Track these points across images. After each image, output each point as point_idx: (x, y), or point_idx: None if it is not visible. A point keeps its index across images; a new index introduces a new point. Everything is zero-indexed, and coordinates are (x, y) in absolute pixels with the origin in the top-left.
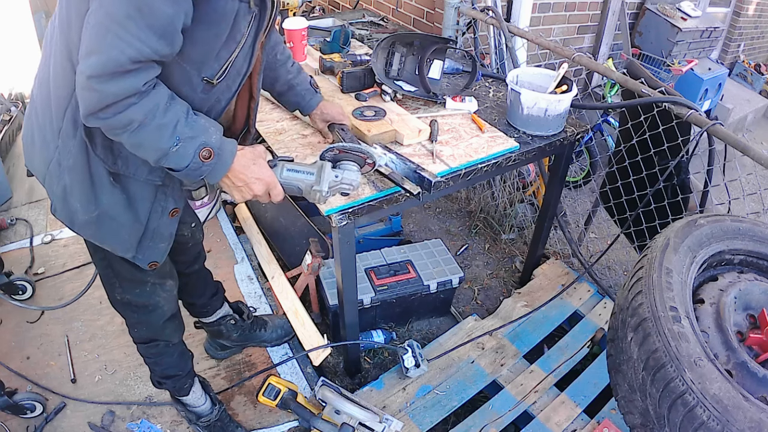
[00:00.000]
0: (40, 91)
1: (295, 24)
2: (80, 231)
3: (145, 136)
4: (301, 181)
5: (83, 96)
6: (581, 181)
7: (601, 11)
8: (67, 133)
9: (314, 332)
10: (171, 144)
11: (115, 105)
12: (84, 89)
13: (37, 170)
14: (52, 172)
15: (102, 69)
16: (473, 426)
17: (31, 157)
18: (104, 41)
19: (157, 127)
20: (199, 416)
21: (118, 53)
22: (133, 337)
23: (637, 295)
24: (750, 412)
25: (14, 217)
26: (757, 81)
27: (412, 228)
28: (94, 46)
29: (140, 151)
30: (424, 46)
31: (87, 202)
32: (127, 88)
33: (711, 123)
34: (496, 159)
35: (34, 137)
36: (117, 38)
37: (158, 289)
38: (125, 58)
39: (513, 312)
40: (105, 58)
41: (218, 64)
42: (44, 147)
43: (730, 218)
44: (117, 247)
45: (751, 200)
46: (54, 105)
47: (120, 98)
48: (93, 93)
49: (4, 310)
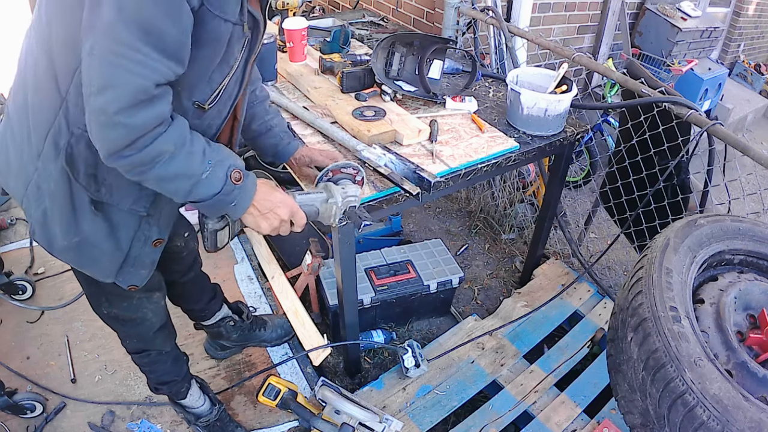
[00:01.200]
0: (15, 107)
1: (295, 24)
2: (59, 256)
3: (177, 166)
4: (315, 201)
5: (107, 135)
6: (581, 181)
7: (601, 11)
8: (48, 157)
9: (314, 332)
10: (203, 170)
11: (144, 137)
12: (107, 127)
13: (14, 191)
14: (31, 195)
15: (128, 100)
16: (473, 426)
17: (6, 177)
18: (121, 71)
19: (188, 154)
20: (198, 417)
21: (142, 80)
22: (125, 347)
23: (637, 295)
24: (750, 412)
25: (14, 217)
26: (757, 81)
27: (412, 228)
28: (111, 79)
29: (170, 185)
30: (424, 46)
31: (67, 228)
32: (156, 115)
33: (711, 123)
34: (496, 159)
35: (9, 156)
36: (136, 65)
37: (145, 302)
38: (150, 83)
39: (513, 312)
40: (130, 88)
41: (210, 89)
42: (22, 168)
43: (730, 218)
44: (96, 273)
45: (751, 200)
46: (33, 125)
47: (149, 129)
48: (120, 129)
49: (4, 310)
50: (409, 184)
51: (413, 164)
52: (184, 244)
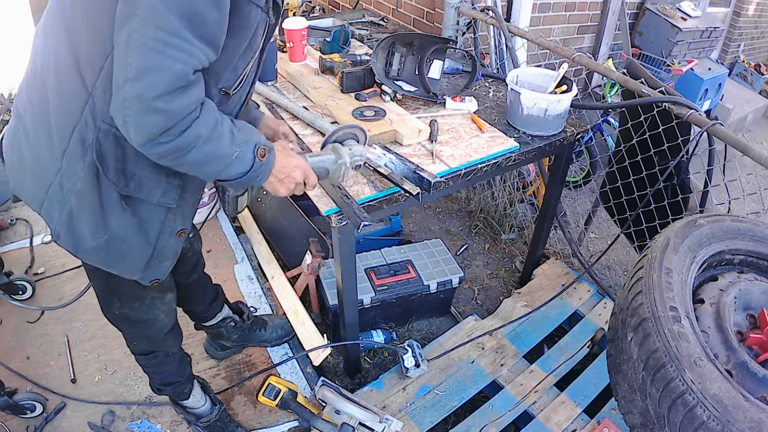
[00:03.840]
0: (31, 109)
1: (295, 24)
2: (86, 257)
3: (211, 150)
4: (326, 162)
5: (144, 122)
6: (581, 181)
7: (601, 11)
8: (74, 155)
9: (314, 332)
10: (233, 151)
11: (180, 123)
12: (145, 113)
13: (31, 196)
14: (53, 197)
15: (167, 86)
16: (473, 426)
17: (20, 182)
18: (162, 57)
19: (219, 136)
20: (198, 417)
21: (182, 66)
22: (132, 350)
23: (637, 295)
24: (750, 412)
25: (14, 217)
26: (757, 81)
27: (412, 228)
28: (151, 64)
29: (203, 168)
30: (424, 46)
31: (96, 226)
32: (193, 101)
33: (711, 123)
34: (496, 159)
35: (23, 159)
36: (177, 50)
37: (158, 303)
38: (189, 69)
39: (513, 312)
40: (170, 74)
41: (234, 75)
42: (41, 171)
43: (730, 218)
44: (125, 271)
45: (751, 200)
46: (56, 125)
47: (185, 114)
48: (158, 115)
49: (4, 310)
50: (409, 184)
51: (413, 164)
52: (189, 245)
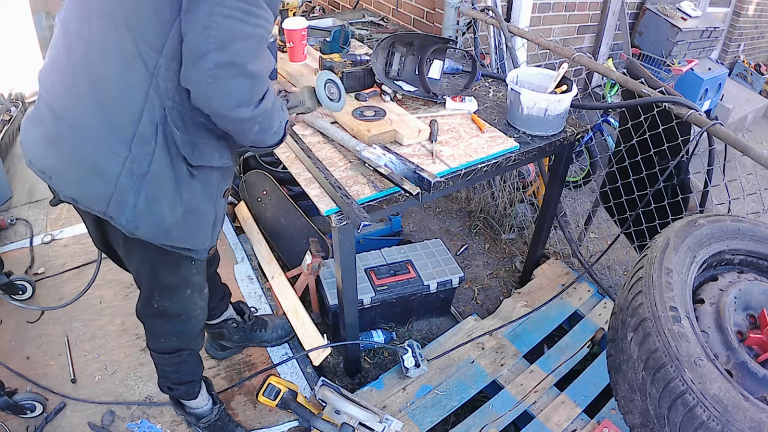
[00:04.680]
0: (73, 102)
1: (295, 24)
2: (167, 236)
3: (268, 123)
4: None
5: (233, 86)
6: (581, 181)
7: (601, 11)
8: (144, 137)
9: (314, 332)
10: (276, 125)
11: (264, 85)
12: (235, 77)
13: (93, 195)
14: (124, 187)
15: (256, 51)
16: (473, 426)
17: (74, 184)
18: (248, 26)
19: (274, 111)
20: (199, 417)
21: (264, 32)
22: (157, 348)
23: (637, 295)
24: (750, 412)
25: (14, 217)
26: (757, 81)
27: (412, 228)
28: (240, 33)
29: (252, 136)
30: (424, 46)
31: (173, 202)
32: (271, 63)
33: (711, 123)
34: (496, 159)
35: (77, 158)
36: (259, 19)
37: (196, 298)
38: (266, 33)
39: (513, 312)
40: (255, 41)
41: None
42: (103, 163)
43: (730, 218)
44: (199, 241)
45: (751, 200)
46: (118, 112)
47: (265, 78)
48: (248, 78)
49: (4, 310)
50: (409, 184)
51: (413, 164)
52: None
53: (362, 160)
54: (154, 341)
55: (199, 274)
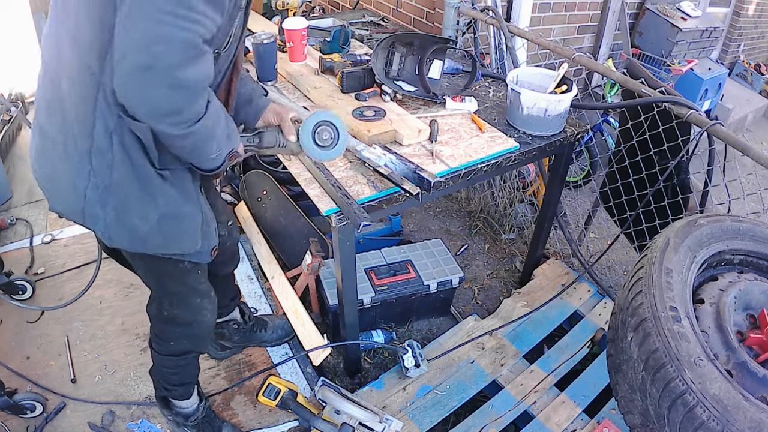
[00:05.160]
0: (50, 118)
1: (295, 24)
2: (144, 247)
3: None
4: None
5: (164, 96)
6: (581, 181)
7: (601, 11)
8: (101, 149)
9: (314, 332)
10: (214, 151)
11: (192, 106)
12: (155, 85)
13: (71, 208)
14: (92, 201)
15: (183, 57)
16: (473, 426)
17: (58, 198)
18: (170, 26)
19: (216, 127)
20: (187, 417)
21: (190, 35)
22: (165, 351)
23: (637, 295)
24: (750, 412)
25: (14, 217)
26: (757, 81)
27: (412, 228)
28: (156, 34)
29: (182, 153)
30: (424, 46)
31: (144, 210)
32: (206, 74)
33: (711, 123)
34: (496, 159)
35: (55, 173)
36: (184, 19)
37: (205, 303)
38: (198, 38)
39: (513, 312)
40: (182, 45)
41: (223, 35)
42: (73, 178)
43: (730, 218)
44: (185, 245)
45: (751, 200)
46: (78, 124)
47: (199, 88)
48: (182, 91)
49: (4, 310)
50: (409, 184)
51: (413, 164)
52: (228, 234)
53: (362, 160)
54: (163, 344)
55: (206, 282)
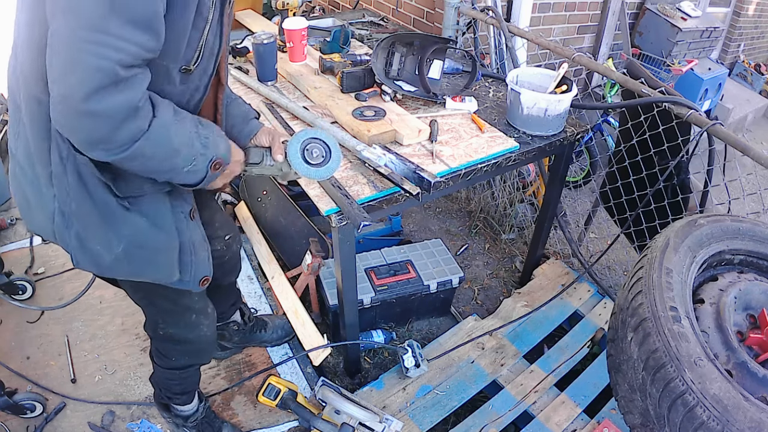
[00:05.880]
0: (17, 143)
1: (295, 24)
2: (112, 272)
3: (157, 165)
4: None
5: (75, 125)
6: (581, 181)
7: (601, 11)
8: (58, 175)
9: (314, 332)
10: (184, 164)
11: (119, 130)
12: (75, 116)
13: (43, 230)
14: (59, 226)
15: (90, 85)
16: (473, 426)
17: (30, 219)
18: (82, 53)
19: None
20: (187, 418)
21: (104, 62)
22: (167, 365)
23: (637, 295)
24: (750, 412)
25: (14, 217)
26: (757, 81)
27: (412, 228)
28: (71, 61)
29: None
30: (424, 46)
31: (107, 240)
32: (125, 101)
33: (711, 123)
34: (496, 159)
35: (27, 197)
36: (97, 45)
37: (202, 319)
38: (112, 64)
39: (513, 312)
40: (90, 72)
41: (191, 49)
42: (41, 202)
43: (730, 218)
44: (158, 276)
45: (751, 200)
46: (36, 150)
47: (119, 118)
48: (88, 118)
49: (4, 310)
50: (409, 184)
51: (413, 164)
52: (225, 248)
53: (362, 160)
54: (164, 360)
55: (200, 298)
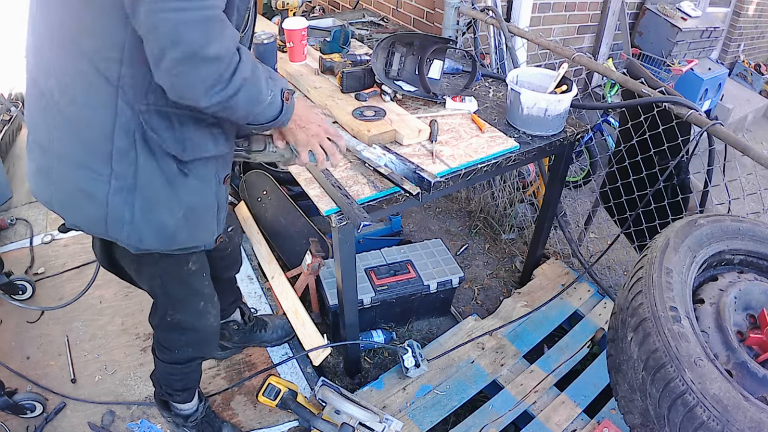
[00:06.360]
0: (51, 135)
1: (295, 24)
2: (172, 243)
3: (254, 92)
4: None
5: (198, 76)
6: (581, 181)
7: (601, 11)
8: (122, 151)
9: (314, 332)
10: (268, 94)
11: (230, 64)
12: (198, 67)
13: (90, 219)
14: (115, 206)
15: (210, 34)
16: (473, 426)
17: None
18: (189, 13)
19: (257, 79)
20: (187, 418)
21: (210, 12)
22: (170, 359)
23: (637, 295)
24: (750, 412)
25: (14, 217)
26: (757, 81)
27: (412, 228)
28: (185, 21)
29: (246, 110)
30: (424, 46)
31: (170, 207)
32: (232, 39)
33: (711, 123)
34: (496, 159)
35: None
36: (198, 1)
37: (210, 308)
38: (218, 11)
39: (513, 312)
40: (205, 25)
41: (239, 15)
42: (90, 187)
43: (730, 218)
44: (206, 235)
45: (751, 200)
46: (91, 134)
47: (231, 54)
48: (210, 63)
49: (4, 310)
50: (409, 184)
51: (413, 164)
52: (228, 239)
53: (362, 160)
54: (167, 353)
55: (209, 285)
